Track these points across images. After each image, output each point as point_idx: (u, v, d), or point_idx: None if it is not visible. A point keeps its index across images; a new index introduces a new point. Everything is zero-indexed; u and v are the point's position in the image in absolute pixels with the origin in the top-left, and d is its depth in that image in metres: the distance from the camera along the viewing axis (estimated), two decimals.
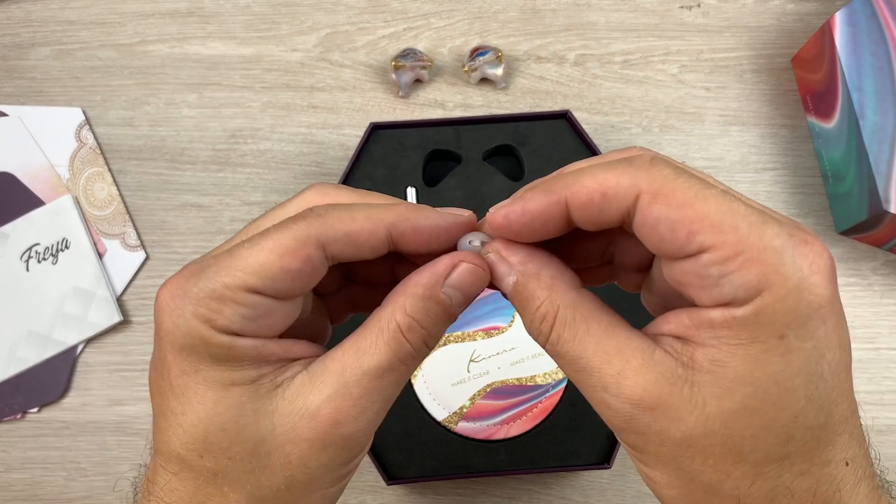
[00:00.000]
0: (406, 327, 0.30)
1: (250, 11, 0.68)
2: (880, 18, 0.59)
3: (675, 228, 0.26)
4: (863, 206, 0.58)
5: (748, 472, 0.27)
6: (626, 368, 0.27)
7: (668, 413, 0.26)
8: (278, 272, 0.28)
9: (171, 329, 0.29)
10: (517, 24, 0.68)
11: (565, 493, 0.59)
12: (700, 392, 0.26)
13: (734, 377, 0.26)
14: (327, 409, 0.29)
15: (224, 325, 0.28)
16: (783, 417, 0.26)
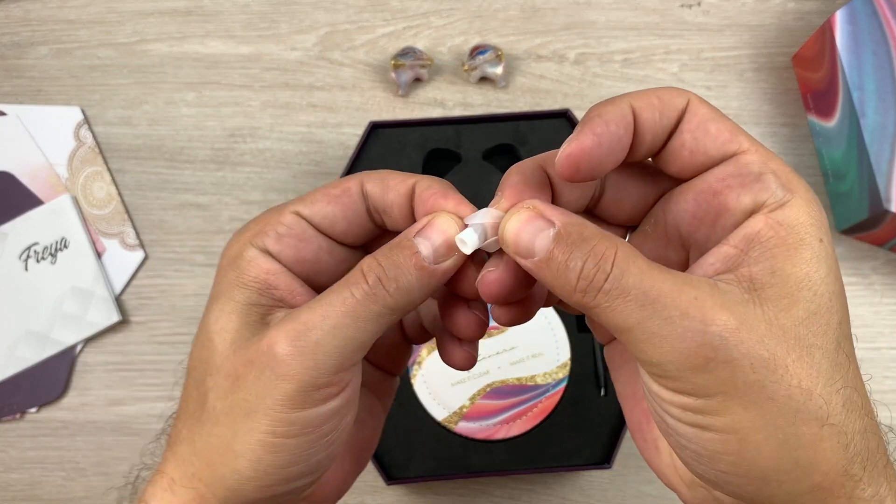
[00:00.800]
0: (367, 268, 0.30)
1: (249, 10, 0.68)
2: (881, 17, 0.59)
3: (721, 129, 0.28)
4: (863, 205, 0.58)
5: (827, 385, 0.26)
6: (701, 295, 0.26)
7: (750, 333, 0.25)
8: (320, 197, 0.32)
9: (226, 251, 0.32)
10: (517, 22, 0.68)
11: (565, 493, 0.59)
12: (770, 308, 0.26)
13: (795, 283, 0.26)
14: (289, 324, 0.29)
15: (261, 243, 0.32)
16: (833, 322, 0.27)
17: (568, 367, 0.56)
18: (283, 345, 0.29)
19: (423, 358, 0.56)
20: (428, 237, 0.30)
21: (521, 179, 0.30)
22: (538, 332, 0.56)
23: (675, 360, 0.26)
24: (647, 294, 0.26)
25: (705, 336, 0.25)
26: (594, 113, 0.28)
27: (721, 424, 0.26)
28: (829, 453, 0.26)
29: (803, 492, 0.27)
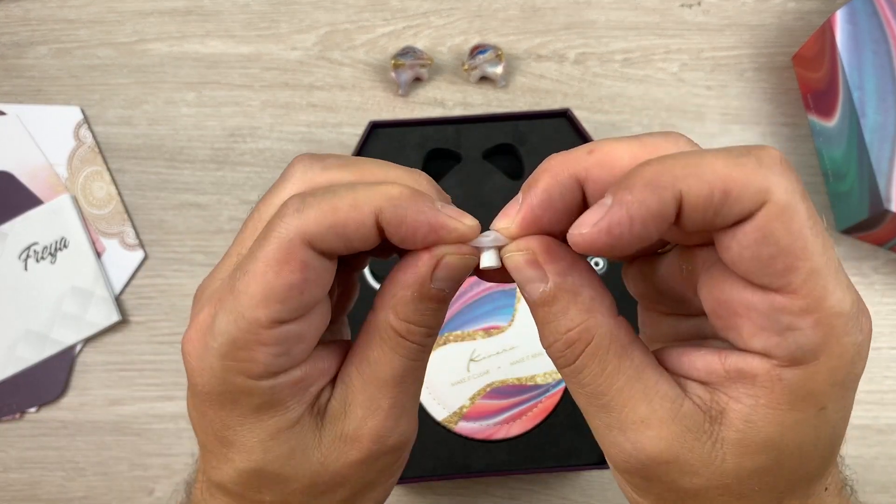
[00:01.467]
0: (405, 331, 0.29)
1: (249, 10, 0.68)
2: (881, 17, 0.59)
3: (779, 256, 0.23)
4: (864, 204, 0.58)
5: None
6: (650, 418, 0.25)
7: (683, 467, 0.25)
8: (283, 291, 0.26)
9: (208, 388, 0.28)
10: (517, 22, 0.68)
11: (565, 493, 0.59)
12: (721, 449, 0.25)
13: (763, 441, 0.25)
14: (366, 429, 0.29)
15: (260, 371, 0.27)
16: (795, 476, 0.26)
17: None
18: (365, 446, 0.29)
19: None
20: (449, 279, 0.28)
21: (546, 199, 0.26)
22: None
23: (610, 455, 0.27)
24: (598, 397, 0.26)
25: (632, 458, 0.26)
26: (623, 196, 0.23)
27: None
28: None
29: None
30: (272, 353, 0.27)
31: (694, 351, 0.26)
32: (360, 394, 0.29)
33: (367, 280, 0.57)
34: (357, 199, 0.26)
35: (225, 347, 0.26)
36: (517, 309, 0.57)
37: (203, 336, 0.27)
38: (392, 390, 0.29)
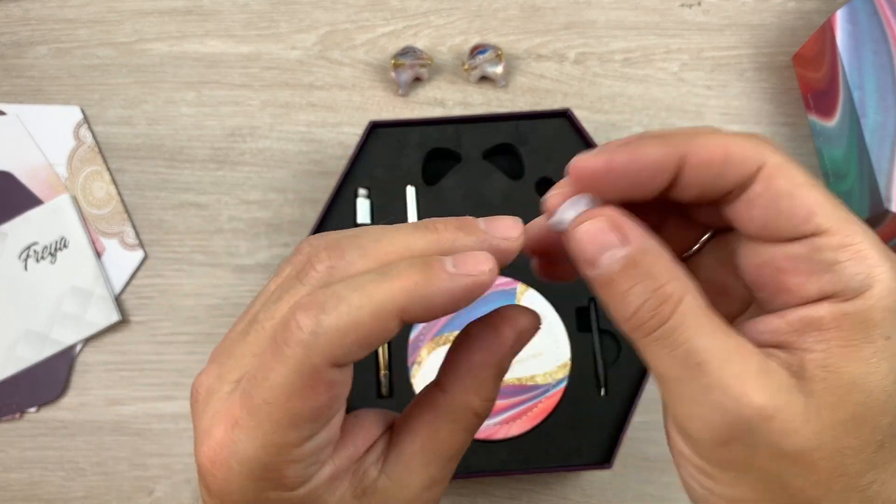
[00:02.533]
0: (481, 411, 0.29)
1: (249, 9, 0.68)
2: (881, 16, 0.59)
3: (796, 205, 0.25)
4: (864, 204, 0.58)
5: (847, 486, 0.25)
6: (746, 371, 0.24)
7: (784, 425, 0.24)
8: (312, 414, 0.26)
9: (236, 500, 0.27)
10: (517, 22, 0.68)
11: (565, 492, 0.59)
12: (814, 402, 0.24)
13: (848, 383, 0.24)
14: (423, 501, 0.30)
15: (294, 483, 0.27)
16: (883, 424, 0.25)
17: (568, 367, 0.56)
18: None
19: (423, 358, 0.56)
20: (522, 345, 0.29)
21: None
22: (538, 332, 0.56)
23: (700, 427, 0.25)
24: (694, 355, 0.25)
25: (735, 417, 0.24)
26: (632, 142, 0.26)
27: (729, 496, 0.26)
28: None
29: None
30: (304, 467, 0.27)
31: (755, 322, 0.26)
32: (423, 472, 0.29)
33: None
34: (376, 306, 0.25)
35: (256, 472, 0.26)
36: None
37: (227, 458, 0.26)
38: (453, 464, 0.30)
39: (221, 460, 0.26)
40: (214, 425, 0.27)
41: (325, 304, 0.25)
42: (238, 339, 0.28)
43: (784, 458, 0.25)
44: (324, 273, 0.27)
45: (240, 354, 0.27)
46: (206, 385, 0.28)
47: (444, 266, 0.26)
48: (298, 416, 0.25)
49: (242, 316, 0.29)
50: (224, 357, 0.28)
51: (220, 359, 0.28)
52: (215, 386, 0.28)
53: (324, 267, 0.27)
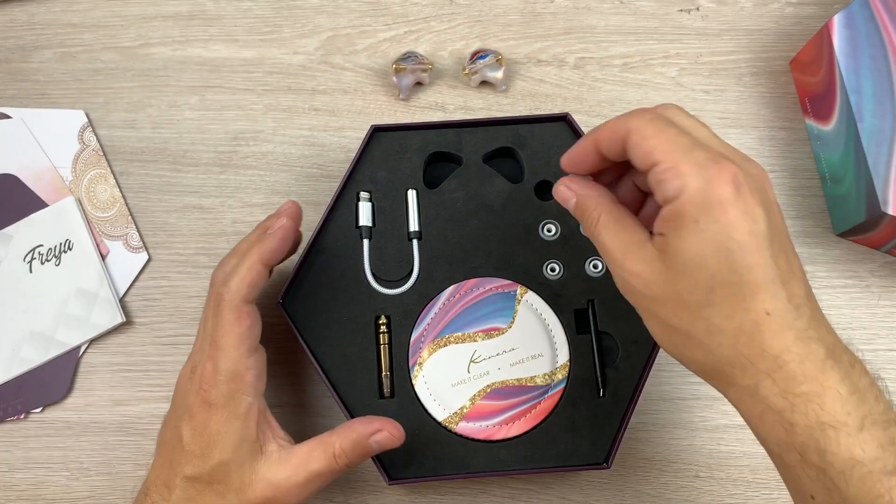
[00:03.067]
0: (338, 455, 0.49)
1: (252, 14, 0.69)
2: (878, 21, 0.60)
3: (641, 150, 0.41)
4: (861, 207, 0.59)
5: (690, 315, 0.40)
6: (630, 254, 0.42)
7: (647, 279, 0.41)
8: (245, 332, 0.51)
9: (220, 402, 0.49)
10: (517, 27, 0.68)
11: (565, 493, 0.59)
12: (663, 265, 0.40)
13: (675, 250, 0.39)
14: (284, 488, 0.48)
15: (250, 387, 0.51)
16: (705, 277, 0.39)
17: (567, 368, 0.56)
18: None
19: (423, 359, 0.56)
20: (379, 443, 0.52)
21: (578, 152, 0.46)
22: (538, 334, 0.57)
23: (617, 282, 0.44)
24: (604, 247, 0.44)
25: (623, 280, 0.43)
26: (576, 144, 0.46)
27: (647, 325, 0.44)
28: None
29: None
30: (254, 375, 0.50)
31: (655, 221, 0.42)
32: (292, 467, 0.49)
33: (368, 280, 0.58)
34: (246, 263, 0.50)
35: (229, 376, 0.49)
36: (517, 311, 0.57)
37: (212, 376, 0.49)
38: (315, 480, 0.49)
39: (210, 374, 0.49)
40: (202, 363, 0.50)
41: (226, 276, 0.50)
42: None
43: (650, 299, 0.42)
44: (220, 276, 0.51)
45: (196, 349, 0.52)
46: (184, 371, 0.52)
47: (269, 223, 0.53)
48: (239, 336, 0.49)
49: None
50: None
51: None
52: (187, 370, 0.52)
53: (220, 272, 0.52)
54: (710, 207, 0.38)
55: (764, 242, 0.38)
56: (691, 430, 0.60)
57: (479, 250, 0.59)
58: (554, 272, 0.58)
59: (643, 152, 0.41)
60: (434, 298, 0.58)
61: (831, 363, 0.38)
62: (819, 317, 0.41)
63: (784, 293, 0.39)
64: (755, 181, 0.39)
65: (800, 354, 0.38)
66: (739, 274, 0.38)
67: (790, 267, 0.40)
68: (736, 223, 0.38)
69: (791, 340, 0.38)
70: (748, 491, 0.59)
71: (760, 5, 0.69)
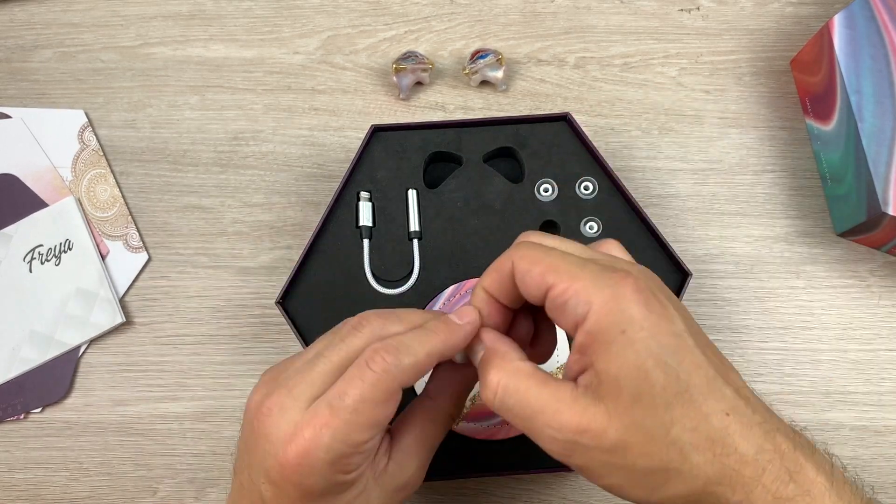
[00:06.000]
0: (455, 416, 0.45)
1: (252, 14, 0.69)
2: (879, 21, 0.60)
3: (533, 276, 0.38)
4: (861, 207, 0.59)
5: (660, 446, 0.35)
6: (560, 407, 0.36)
7: (595, 430, 0.35)
8: (381, 420, 0.39)
9: (312, 485, 0.38)
10: (517, 27, 0.68)
11: (565, 493, 0.59)
12: (606, 404, 0.35)
13: (613, 378, 0.35)
14: (413, 480, 0.43)
15: (352, 469, 0.39)
16: (656, 392, 0.34)
17: None
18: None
19: None
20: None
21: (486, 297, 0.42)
22: None
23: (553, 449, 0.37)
24: (523, 411, 0.37)
25: (562, 442, 0.36)
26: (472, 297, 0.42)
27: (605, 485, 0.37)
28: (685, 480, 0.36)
29: None
30: (362, 459, 0.39)
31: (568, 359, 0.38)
32: (416, 458, 0.43)
33: (368, 280, 0.58)
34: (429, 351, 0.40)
35: (334, 459, 0.38)
36: None
37: (315, 450, 0.37)
38: (433, 452, 0.44)
39: (311, 452, 0.37)
40: (303, 428, 0.38)
41: (398, 347, 0.39)
42: (305, 368, 0.40)
43: (608, 451, 0.35)
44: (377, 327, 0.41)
45: (310, 381, 0.39)
46: (278, 403, 0.39)
47: (453, 320, 0.41)
48: (374, 422, 0.38)
49: (302, 353, 0.42)
50: (294, 381, 0.39)
51: (288, 383, 0.39)
52: (288, 403, 0.39)
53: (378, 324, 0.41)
54: (629, 318, 0.35)
55: (689, 340, 0.36)
56: None
57: (480, 250, 0.59)
58: None
59: (533, 280, 0.38)
60: (434, 298, 0.58)
61: (799, 453, 0.36)
62: (761, 405, 0.38)
63: (729, 389, 0.36)
64: (653, 282, 0.37)
65: (772, 451, 0.35)
66: (684, 380, 0.35)
67: (720, 359, 0.37)
68: (658, 329, 0.35)
69: (760, 437, 0.35)
70: None
71: (761, 5, 0.69)
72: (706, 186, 0.64)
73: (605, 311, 0.35)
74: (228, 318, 0.62)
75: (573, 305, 0.36)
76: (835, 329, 0.61)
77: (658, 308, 0.36)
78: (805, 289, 0.62)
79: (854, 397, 0.60)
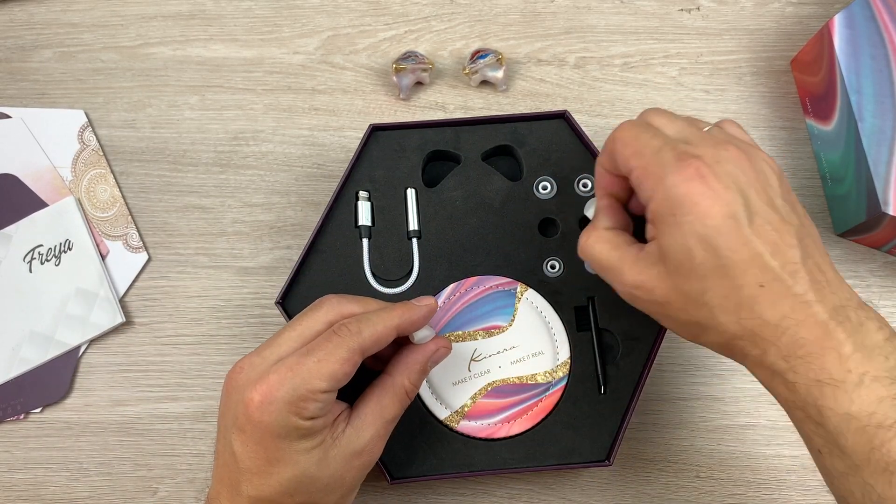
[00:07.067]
0: (410, 391, 0.49)
1: (252, 14, 0.69)
2: (879, 21, 0.60)
3: (621, 159, 0.45)
4: (861, 207, 0.59)
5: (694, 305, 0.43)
6: (626, 266, 0.45)
7: (649, 285, 0.44)
8: (339, 376, 0.44)
9: (271, 422, 0.43)
10: (518, 26, 0.68)
11: (565, 492, 0.59)
12: (660, 267, 0.43)
13: (664, 249, 0.43)
14: (370, 448, 0.47)
15: (308, 415, 0.44)
16: (695, 267, 0.42)
17: (568, 365, 0.56)
18: None
19: None
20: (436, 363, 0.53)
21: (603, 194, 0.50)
22: (538, 331, 0.57)
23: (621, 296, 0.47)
24: (599, 266, 0.48)
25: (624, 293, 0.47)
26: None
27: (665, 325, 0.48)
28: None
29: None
30: (317, 407, 0.44)
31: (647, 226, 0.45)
32: (372, 426, 0.47)
33: (367, 280, 0.58)
34: (386, 321, 0.47)
35: (292, 397, 0.43)
36: (517, 309, 0.57)
37: (277, 390, 0.43)
38: (391, 426, 0.49)
39: (272, 391, 0.43)
40: (270, 374, 0.44)
41: (361, 320, 0.46)
42: (272, 339, 0.47)
43: (657, 304, 0.45)
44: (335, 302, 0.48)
45: (276, 345, 0.46)
46: (248, 363, 0.46)
47: (412, 302, 0.50)
48: (332, 374, 0.44)
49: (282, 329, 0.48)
50: (262, 347, 0.46)
51: (258, 350, 0.46)
52: (256, 362, 0.45)
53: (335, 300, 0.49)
54: (681, 202, 0.41)
55: (742, 221, 0.41)
56: (692, 431, 0.60)
57: (479, 248, 0.59)
58: (554, 269, 0.58)
59: (622, 161, 0.45)
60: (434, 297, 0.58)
61: (834, 324, 0.40)
62: (823, 279, 0.42)
63: (775, 263, 0.41)
64: (724, 165, 0.42)
65: (798, 319, 0.40)
66: (724, 257, 0.41)
67: (780, 236, 0.41)
68: (708, 211, 0.41)
69: (788, 308, 0.41)
70: (749, 491, 0.59)
71: (761, 5, 0.69)
72: None
73: (662, 198, 0.42)
74: (228, 319, 0.62)
75: (643, 189, 0.43)
76: None
77: (712, 193, 0.41)
78: None
79: None
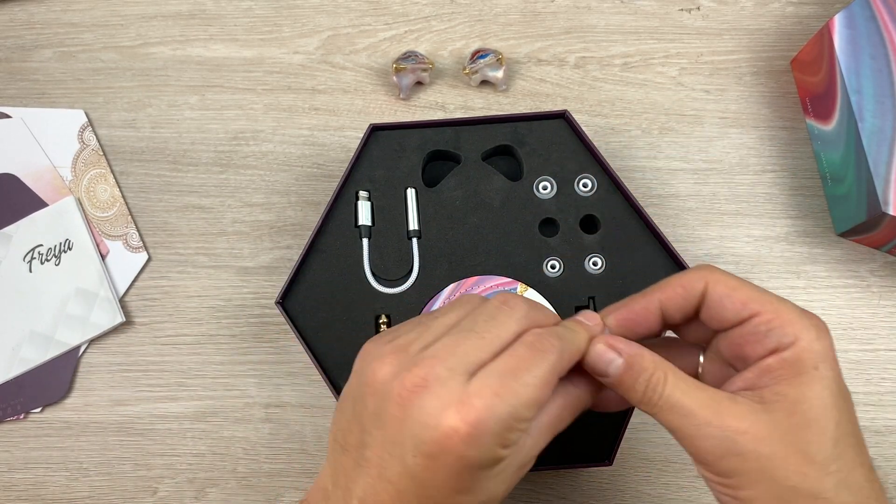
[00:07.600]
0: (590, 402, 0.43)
1: (252, 14, 0.69)
2: (879, 21, 0.60)
3: (734, 301, 0.40)
4: (861, 207, 0.59)
5: (818, 471, 0.37)
6: (720, 408, 0.38)
7: (757, 435, 0.37)
8: (543, 401, 0.38)
9: (476, 457, 0.37)
10: (518, 26, 0.68)
11: (565, 492, 0.59)
12: (773, 416, 0.37)
13: (794, 400, 0.37)
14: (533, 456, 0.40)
15: (510, 444, 0.38)
16: (831, 427, 0.37)
17: None
18: None
19: None
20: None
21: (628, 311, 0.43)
22: None
23: (703, 452, 0.38)
24: (684, 409, 0.38)
25: (721, 439, 0.38)
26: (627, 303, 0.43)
27: (742, 496, 0.38)
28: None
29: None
30: (519, 436, 0.38)
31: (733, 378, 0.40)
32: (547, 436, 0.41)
33: (367, 280, 0.58)
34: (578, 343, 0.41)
35: (499, 430, 0.37)
36: None
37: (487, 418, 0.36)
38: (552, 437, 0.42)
39: (483, 421, 0.36)
40: (472, 397, 0.37)
41: (562, 336, 0.40)
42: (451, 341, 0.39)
43: (763, 457, 0.37)
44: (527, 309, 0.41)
45: (462, 353, 0.38)
46: (432, 374, 0.37)
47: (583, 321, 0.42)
48: (539, 400, 0.38)
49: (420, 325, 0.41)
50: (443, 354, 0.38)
51: (438, 355, 0.38)
52: (444, 374, 0.38)
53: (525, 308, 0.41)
54: (826, 356, 0.38)
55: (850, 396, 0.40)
56: None
57: (479, 248, 0.59)
58: (554, 269, 0.58)
59: (736, 304, 0.40)
60: (434, 297, 0.58)
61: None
62: None
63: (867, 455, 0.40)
64: None
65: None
66: (853, 424, 0.39)
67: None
68: (838, 374, 0.39)
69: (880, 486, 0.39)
70: None
71: (761, 5, 0.69)
72: (706, 186, 0.64)
73: (807, 346, 0.38)
74: (228, 318, 0.62)
75: (779, 335, 0.39)
76: (835, 329, 0.61)
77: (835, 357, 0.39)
78: (805, 289, 0.62)
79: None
